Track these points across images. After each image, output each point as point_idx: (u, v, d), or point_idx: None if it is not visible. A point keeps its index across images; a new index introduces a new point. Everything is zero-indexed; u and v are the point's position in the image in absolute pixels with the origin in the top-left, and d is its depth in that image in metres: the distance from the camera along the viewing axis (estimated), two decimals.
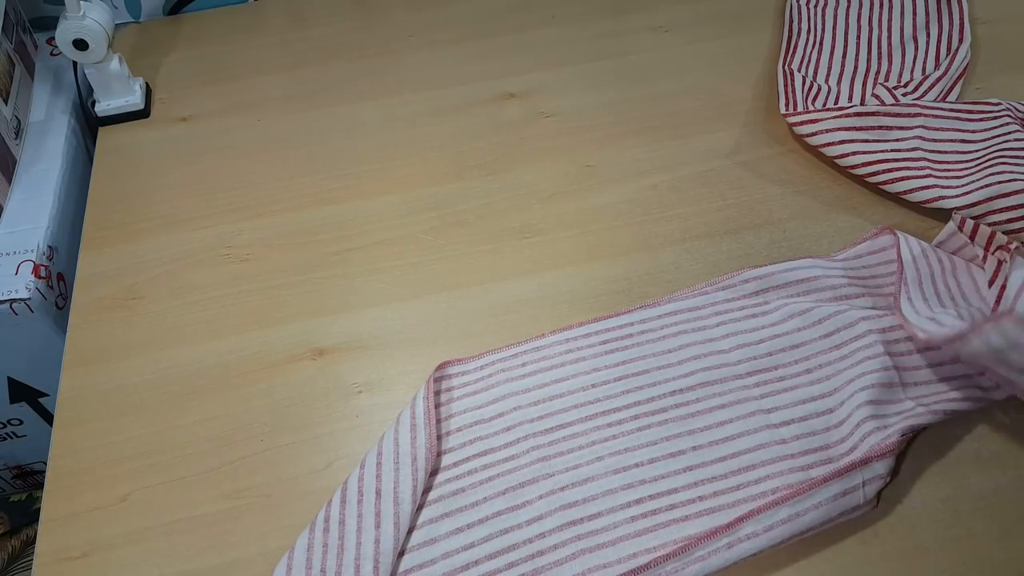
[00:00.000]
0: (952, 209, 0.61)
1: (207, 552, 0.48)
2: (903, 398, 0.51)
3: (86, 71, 0.72)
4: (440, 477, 0.50)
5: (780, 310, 0.56)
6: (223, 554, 0.48)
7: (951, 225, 0.58)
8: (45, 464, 0.53)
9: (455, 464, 0.50)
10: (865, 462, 0.47)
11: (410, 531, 0.48)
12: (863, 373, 0.52)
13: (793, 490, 0.47)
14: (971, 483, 0.50)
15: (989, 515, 0.49)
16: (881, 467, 0.47)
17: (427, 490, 0.49)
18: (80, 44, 0.68)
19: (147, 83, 0.76)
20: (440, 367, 0.54)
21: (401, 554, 0.47)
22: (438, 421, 0.52)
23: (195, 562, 0.48)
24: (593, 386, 0.53)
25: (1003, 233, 0.56)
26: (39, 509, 0.51)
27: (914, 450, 0.51)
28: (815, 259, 0.59)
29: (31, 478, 0.84)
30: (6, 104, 0.69)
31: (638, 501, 0.48)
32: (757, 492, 0.48)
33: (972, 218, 0.61)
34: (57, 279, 0.66)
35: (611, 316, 0.57)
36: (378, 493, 0.48)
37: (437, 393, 0.53)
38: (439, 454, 0.51)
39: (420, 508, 0.49)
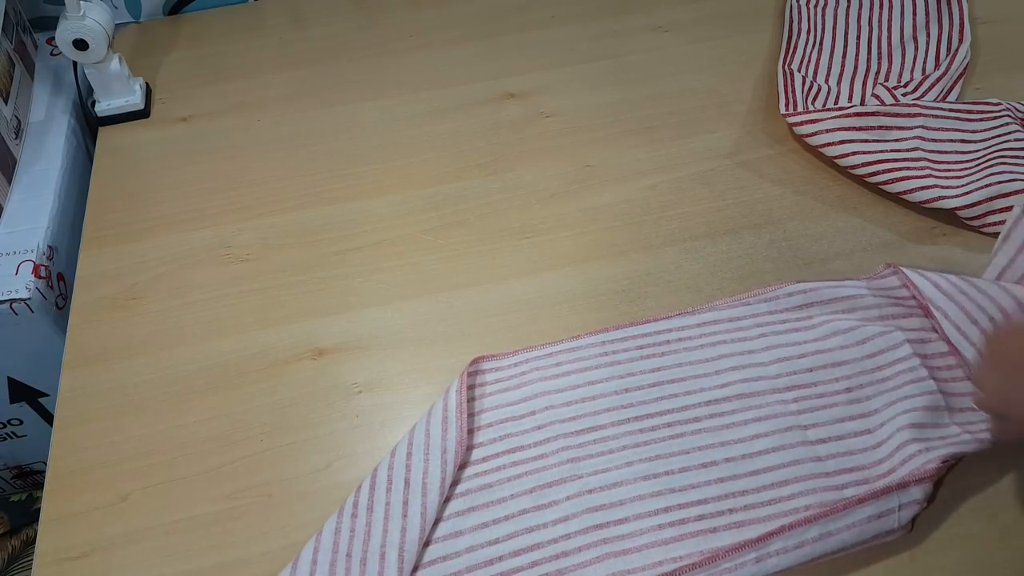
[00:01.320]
0: (952, 209, 0.61)
1: (207, 552, 0.48)
2: (948, 423, 0.50)
3: (86, 71, 0.72)
4: (469, 471, 0.50)
5: (823, 326, 0.55)
6: (223, 554, 0.48)
7: (1016, 211, 0.55)
8: (45, 464, 0.53)
9: (484, 459, 0.50)
10: (903, 486, 0.46)
11: (436, 522, 0.48)
12: (906, 396, 0.51)
13: (826, 509, 0.46)
14: (971, 483, 0.50)
15: (989, 515, 0.49)
16: (918, 492, 0.46)
17: (455, 483, 0.49)
18: (80, 44, 0.67)
19: (147, 83, 0.76)
20: (474, 362, 0.54)
21: (426, 544, 0.47)
22: (470, 415, 0.52)
23: (195, 562, 0.48)
24: (627, 390, 0.53)
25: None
26: (39, 509, 0.51)
27: None
28: (858, 280, 0.58)
29: (31, 478, 0.84)
30: (6, 104, 0.69)
31: (667, 509, 0.48)
32: (789, 508, 0.48)
33: (971, 218, 0.61)
34: (57, 279, 0.66)
35: (649, 321, 0.56)
36: (407, 483, 0.48)
37: (470, 388, 0.53)
38: (469, 448, 0.51)
39: (447, 500, 0.49)
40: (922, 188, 0.62)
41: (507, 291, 0.60)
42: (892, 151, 0.64)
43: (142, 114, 0.74)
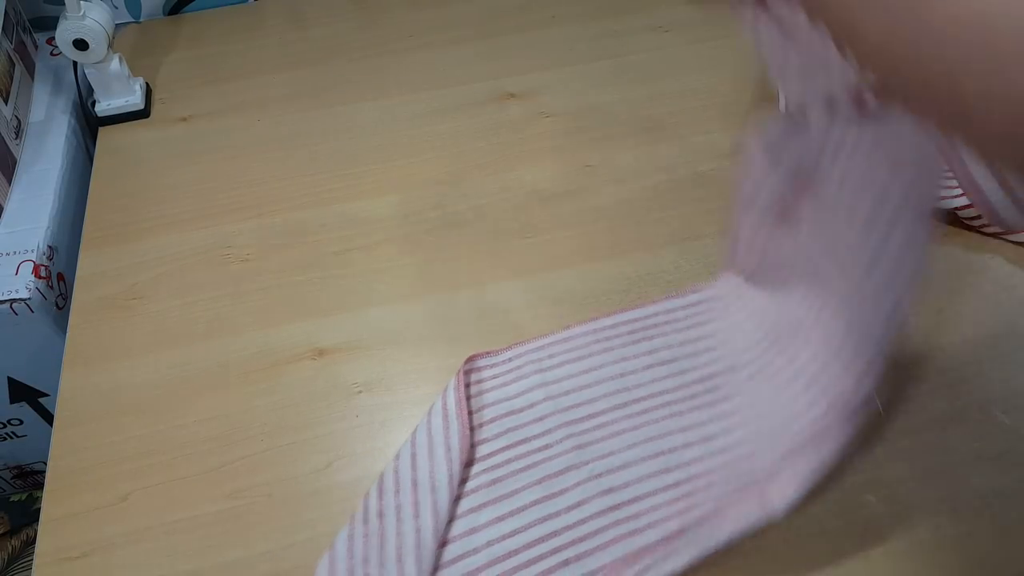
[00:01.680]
0: (952, 209, 0.61)
1: (207, 552, 0.48)
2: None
3: (86, 71, 0.72)
4: (476, 468, 0.50)
5: (802, 287, 0.55)
6: (223, 554, 0.48)
7: None
8: (45, 464, 0.53)
9: (490, 455, 0.51)
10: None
11: (450, 521, 0.48)
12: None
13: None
14: (971, 483, 0.50)
15: (989, 515, 0.49)
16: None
17: (464, 481, 0.50)
18: (80, 44, 0.68)
19: (147, 83, 0.76)
20: (469, 360, 0.54)
21: (443, 544, 0.47)
22: (470, 413, 0.52)
23: (195, 562, 0.48)
24: (622, 375, 0.54)
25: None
26: (39, 509, 0.51)
27: (914, 450, 0.51)
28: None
29: (31, 478, 0.84)
30: (6, 104, 0.69)
31: (676, 484, 0.49)
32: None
33: (971, 218, 0.61)
34: (57, 279, 0.66)
35: (637, 307, 0.57)
36: (415, 483, 0.48)
37: (467, 385, 0.54)
38: (473, 445, 0.51)
39: (458, 499, 0.49)
40: None
41: (507, 291, 0.60)
42: None
43: (142, 114, 0.74)
